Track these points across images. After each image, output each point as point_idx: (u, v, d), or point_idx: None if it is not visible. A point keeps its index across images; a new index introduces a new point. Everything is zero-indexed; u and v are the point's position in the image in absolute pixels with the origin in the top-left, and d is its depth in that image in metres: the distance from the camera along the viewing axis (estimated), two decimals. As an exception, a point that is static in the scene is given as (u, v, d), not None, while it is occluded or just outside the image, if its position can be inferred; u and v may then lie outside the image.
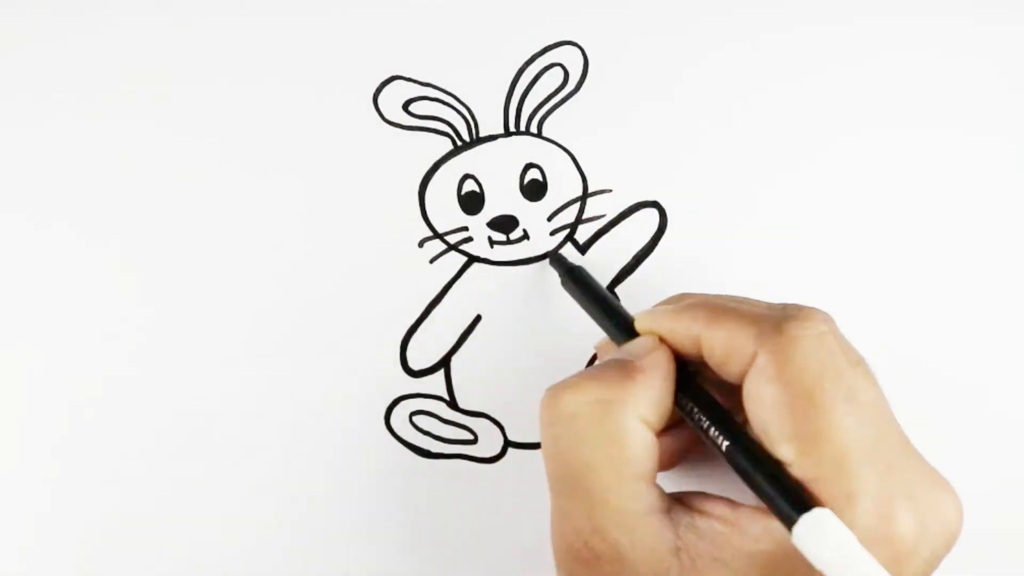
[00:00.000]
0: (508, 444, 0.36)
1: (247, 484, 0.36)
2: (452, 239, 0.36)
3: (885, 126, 0.37)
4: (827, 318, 0.28)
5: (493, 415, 0.36)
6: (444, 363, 0.36)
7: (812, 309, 0.29)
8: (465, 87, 0.36)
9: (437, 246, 0.36)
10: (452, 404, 0.36)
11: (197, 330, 0.36)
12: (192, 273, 0.36)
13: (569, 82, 0.37)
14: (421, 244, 0.36)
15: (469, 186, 0.36)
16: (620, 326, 0.32)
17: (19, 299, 0.36)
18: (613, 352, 0.32)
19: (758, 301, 0.30)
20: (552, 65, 0.36)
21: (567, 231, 0.37)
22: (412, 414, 0.36)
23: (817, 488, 0.26)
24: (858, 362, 0.28)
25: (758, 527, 0.27)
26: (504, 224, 0.36)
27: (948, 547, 0.28)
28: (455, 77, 0.36)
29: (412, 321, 0.36)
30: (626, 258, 0.37)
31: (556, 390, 0.30)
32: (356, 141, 0.36)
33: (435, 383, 0.36)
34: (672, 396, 0.30)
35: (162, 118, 0.36)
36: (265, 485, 0.36)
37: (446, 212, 0.36)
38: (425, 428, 0.36)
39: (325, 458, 0.36)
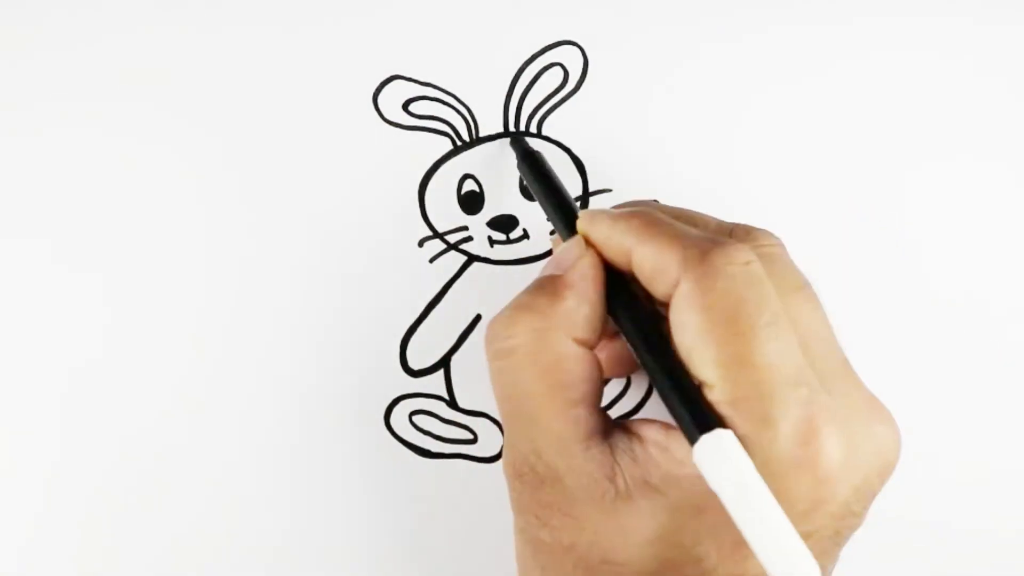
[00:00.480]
0: (508, 444, 0.36)
1: (247, 484, 0.36)
2: (452, 239, 0.36)
3: (887, 125, 0.38)
4: (765, 243, 0.29)
5: (493, 415, 0.36)
6: (444, 363, 0.36)
7: (750, 232, 0.29)
8: (465, 87, 0.36)
9: (437, 246, 0.36)
10: (452, 404, 0.36)
11: (197, 330, 0.36)
12: (192, 273, 0.36)
13: (569, 82, 0.37)
14: (421, 244, 0.36)
15: (469, 186, 0.36)
16: (567, 221, 0.32)
17: (18, 299, 0.36)
18: (546, 262, 0.32)
19: (705, 219, 0.31)
20: (552, 65, 0.36)
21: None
22: (412, 414, 0.36)
23: (736, 411, 0.26)
24: (798, 287, 0.29)
25: (684, 450, 0.28)
26: (504, 224, 0.36)
27: (882, 477, 0.28)
28: (455, 77, 0.36)
29: (412, 321, 0.36)
30: (626, 258, 0.37)
31: (493, 324, 0.30)
32: (356, 141, 0.36)
33: (435, 383, 0.36)
34: (604, 305, 0.30)
35: (162, 119, 0.36)
36: (265, 485, 0.36)
37: (446, 212, 0.36)
38: (425, 428, 0.36)
39: (325, 457, 0.36)
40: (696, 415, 0.27)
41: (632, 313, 0.30)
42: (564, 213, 0.32)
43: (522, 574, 0.31)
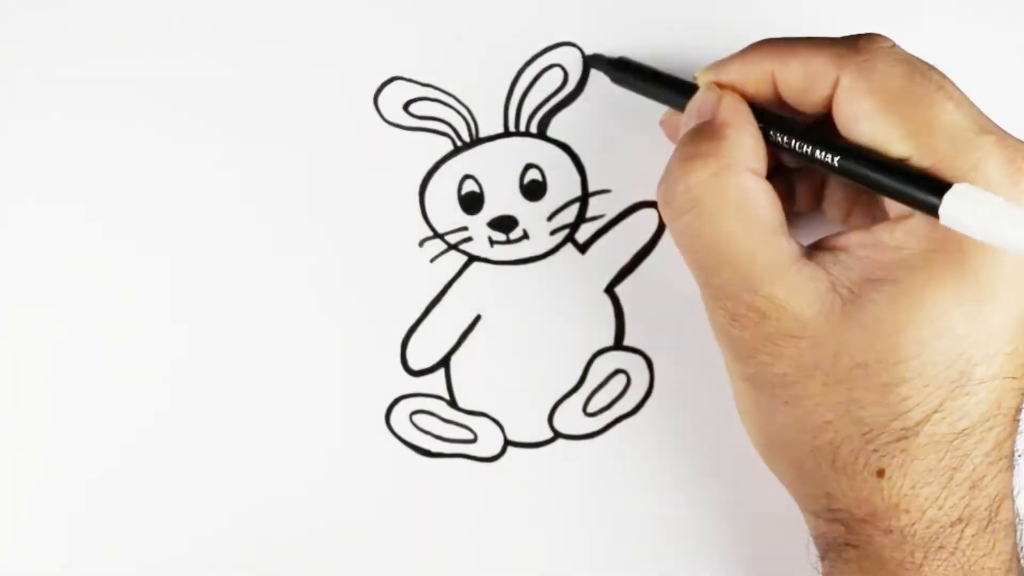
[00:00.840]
0: (508, 443, 0.37)
1: (246, 483, 0.36)
2: (452, 239, 0.36)
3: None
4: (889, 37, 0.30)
5: (493, 415, 0.37)
6: (444, 362, 0.37)
7: (875, 32, 0.30)
8: (465, 87, 0.36)
9: (437, 246, 0.37)
10: (452, 403, 0.37)
11: (196, 330, 0.36)
12: (192, 274, 0.36)
13: (569, 82, 0.37)
14: (421, 244, 0.36)
15: (469, 186, 0.36)
16: (686, 93, 0.33)
17: (19, 301, 0.36)
18: (682, 118, 0.32)
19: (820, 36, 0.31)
20: (552, 66, 0.36)
21: (567, 231, 0.37)
22: (412, 413, 0.36)
23: (941, 171, 0.28)
24: (931, 65, 0.29)
25: (897, 235, 0.29)
26: (504, 224, 0.37)
27: None
28: (455, 77, 0.36)
29: (412, 321, 0.36)
30: (626, 258, 0.37)
31: (665, 183, 0.31)
32: (356, 141, 0.36)
33: (435, 382, 0.37)
34: (761, 137, 0.31)
35: (162, 118, 0.36)
36: (264, 484, 0.36)
37: (446, 212, 0.36)
38: (425, 427, 0.36)
39: (325, 457, 0.36)
40: (924, 182, 0.27)
41: (798, 127, 0.30)
42: (682, 85, 0.33)
43: (764, 431, 0.31)
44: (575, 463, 0.36)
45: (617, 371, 0.37)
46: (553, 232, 0.37)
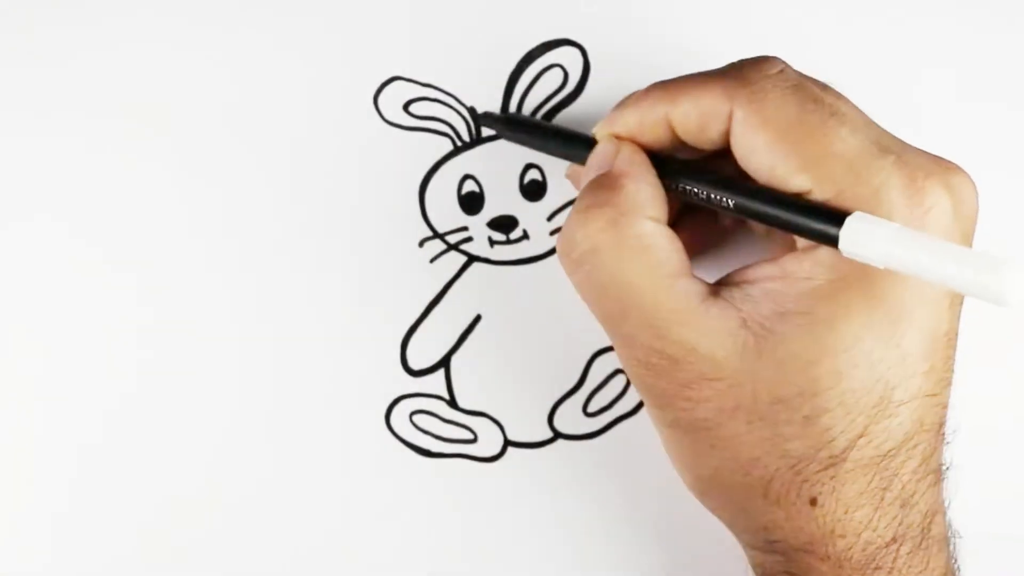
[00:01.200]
0: (508, 443, 0.37)
1: (246, 483, 0.36)
2: (452, 239, 0.36)
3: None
4: (780, 59, 0.30)
5: (493, 415, 0.37)
6: (444, 362, 0.37)
7: (764, 56, 0.30)
8: (465, 88, 0.36)
9: (437, 246, 0.37)
10: (452, 403, 0.37)
11: (197, 330, 0.36)
12: (193, 274, 0.36)
13: (569, 82, 0.37)
14: (421, 244, 0.36)
15: (469, 186, 0.37)
16: (585, 146, 0.32)
17: (24, 306, 0.36)
18: (585, 170, 0.32)
19: (710, 69, 0.31)
20: (552, 66, 0.36)
21: (567, 231, 0.37)
22: (412, 413, 0.36)
23: (843, 200, 0.27)
24: (826, 86, 0.29)
25: (805, 265, 0.28)
26: (504, 224, 0.37)
27: (973, 227, 0.29)
28: (455, 78, 0.36)
29: (412, 321, 0.36)
30: (626, 258, 0.37)
31: (564, 235, 0.30)
32: (356, 141, 0.36)
33: (435, 382, 0.37)
34: (660, 184, 0.30)
35: (161, 119, 0.36)
36: (265, 484, 0.36)
37: (446, 212, 0.36)
38: (425, 427, 0.36)
39: (325, 457, 0.36)
40: (821, 215, 0.27)
41: (694, 170, 0.30)
42: (579, 139, 0.33)
43: (694, 473, 0.31)
44: (575, 463, 0.36)
45: (617, 371, 0.37)
46: (553, 232, 0.37)
